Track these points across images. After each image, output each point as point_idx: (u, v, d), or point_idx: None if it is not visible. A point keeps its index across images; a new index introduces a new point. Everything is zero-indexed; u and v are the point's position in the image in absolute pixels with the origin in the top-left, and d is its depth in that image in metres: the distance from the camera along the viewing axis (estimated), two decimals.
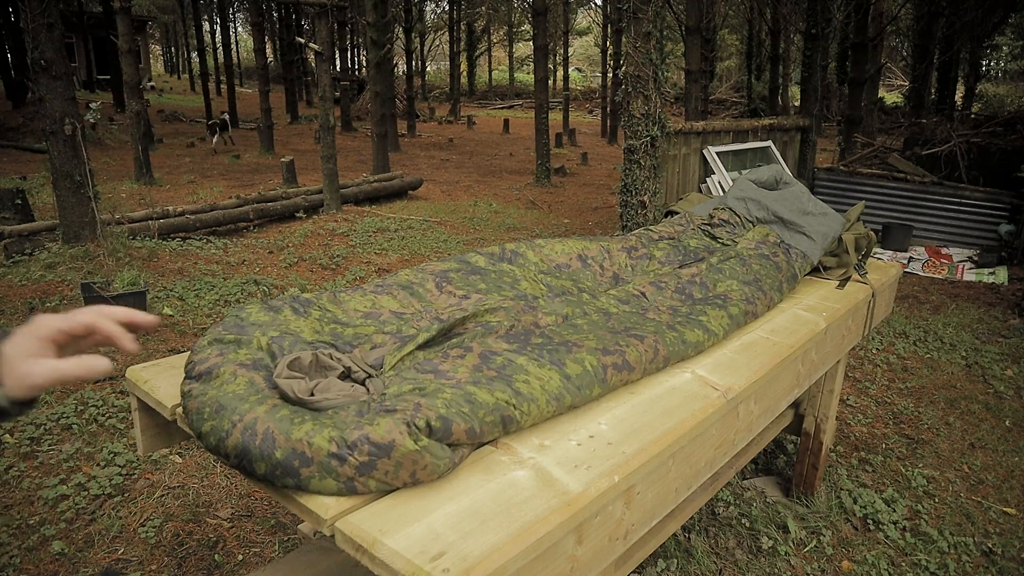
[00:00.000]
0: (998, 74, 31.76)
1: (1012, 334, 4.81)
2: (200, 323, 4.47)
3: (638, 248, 2.13)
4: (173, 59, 43.95)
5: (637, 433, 1.28)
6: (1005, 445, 3.32)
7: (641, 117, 5.32)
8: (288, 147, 14.04)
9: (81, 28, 21.58)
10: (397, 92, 19.50)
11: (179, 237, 6.44)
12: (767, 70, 17.85)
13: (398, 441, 1.02)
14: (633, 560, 1.75)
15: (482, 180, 11.45)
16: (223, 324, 1.33)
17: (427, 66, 32.04)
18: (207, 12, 28.27)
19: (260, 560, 2.35)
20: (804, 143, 8.40)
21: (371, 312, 1.52)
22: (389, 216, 8.07)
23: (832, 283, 2.35)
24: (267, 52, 20.54)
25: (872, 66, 11.20)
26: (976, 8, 12.43)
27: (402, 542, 0.94)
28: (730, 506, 2.71)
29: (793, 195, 2.44)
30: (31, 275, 5.04)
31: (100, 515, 2.53)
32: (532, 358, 1.34)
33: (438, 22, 28.84)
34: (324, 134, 7.97)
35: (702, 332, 1.67)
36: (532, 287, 1.77)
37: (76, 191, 5.54)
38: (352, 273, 5.79)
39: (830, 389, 2.67)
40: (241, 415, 1.07)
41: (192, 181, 9.89)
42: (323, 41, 8.02)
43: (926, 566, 2.43)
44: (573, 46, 37.75)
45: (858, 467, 3.07)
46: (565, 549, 1.06)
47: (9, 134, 13.37)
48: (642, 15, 5.07)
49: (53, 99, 5.35)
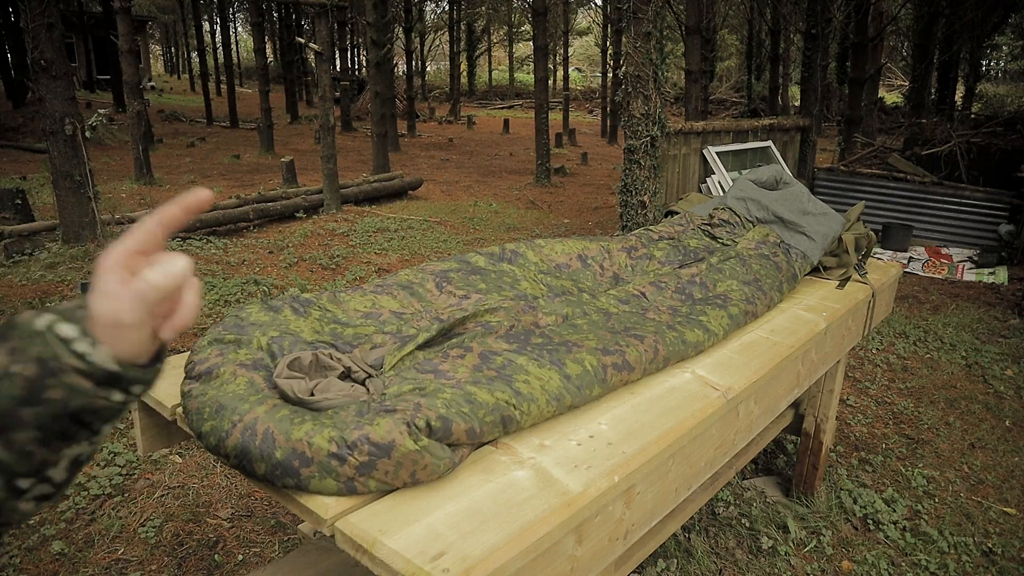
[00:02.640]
0: (998, 74, 31.75)
1: (1012, 334, 4.81)
2: (200, 323, 4.47)
3: (638, 248, 2.13)
4: (173, 59, 43.95)
5: (637, 433, 1.28)
6: (1005, 445, 3.32)
7: (641, 117, 5.32)
8: (288, 147, 14.04)
9: (81, 28, 21.58)
10: (397, 92, 19.51)
11: (179, 237, 6.44)
12: (767, 70, 17.84)
13: (398, 441, 1.02)
14: (633, 560, 1.75)
15: (482, 180, 11.45)
16: (223, 324, 1.33)
17: (427, 66, 32.04)
18: (207, 12, 28.27)
19: (260, 560, 2.35)
20: (804, 143, 8.41)
21: (371, 312, 1.52)
22: (389, 216, 8.07)
23: (832, 283, 2.35)
24: (267, 52, 20.54)
25: (872, 66, 11.20)
26: (976, 8, 12.42)
27: (402, 542, 0.94)
28: (730, 506, 2.71)
29: (793, 195, 2.44)
30: (31, 275, 5.03)
31: (100, 515, 2.53)
32: (532, 358, 1.34)
33: (438, 22, 28.84)
34: (324, 134, 7.97)
35: (702, 332, 1.67)
36: (532, 287, 1.77)
37: (76, 191, 5.54)
38: (352, 273, 5.79)
39: (830, 389, 2.67)
40: (241, 415, 1.07)
41: (192, 181, 9.89)
42: (323, 41, 8.02)
43: (926, 566, 2.43)
44: (573, 46, 37.75)
45: (858, 467, 3.07)
46: (565, 549, 1.06)
47: (9, 134, 13.36)
48: (642, 15, 5.07)
49: (53, 99, 5.35)
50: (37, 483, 0.58)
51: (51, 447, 0.57)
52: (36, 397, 0.55)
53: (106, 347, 0.57)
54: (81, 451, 0.60)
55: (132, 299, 0.57)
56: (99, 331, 0.57)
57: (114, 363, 0.57)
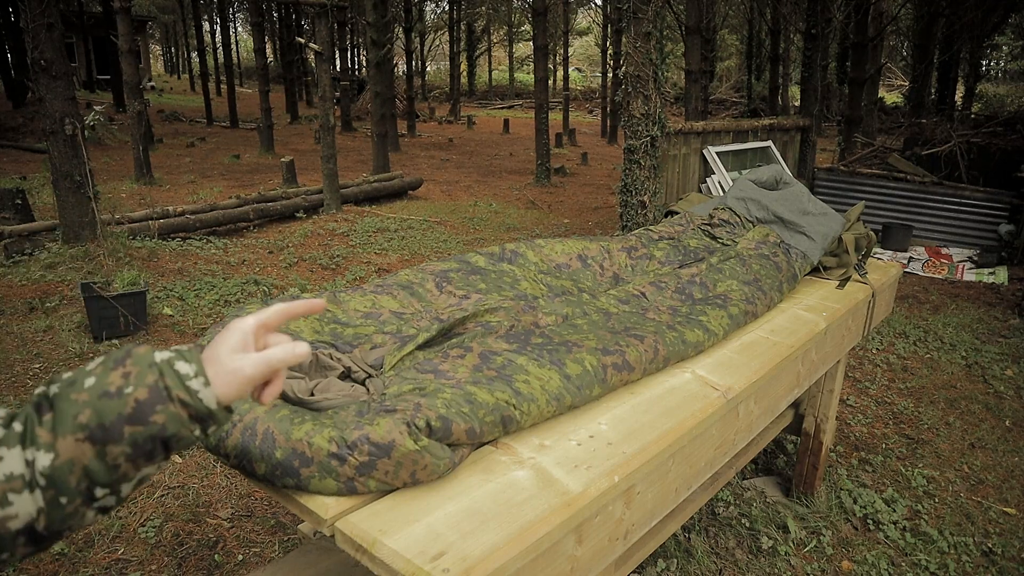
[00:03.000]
0: (998, 74, 31.75)
1: (1012, 334, 4.81)
2: (200, 323, 4.47)
3: (638, 248, 2.13)
4: (173, 59, 43.94)
5: (637, 433, 1.28)
6: (1005, 445, 3.32)
7: (641, 117, 5.32)
8: (288, 147, 14.04)
9: (81, 28, 21.57)
10: (397, 92, 19.50)
11: (179, 237, 6.44)
12: (767, 70, 17.85)
13: (398, 441, 1.02)
14: (633, 560, 1.75)
15: (482, 180, 11.45)
16: (223, 324, 1.33)
17: (427, 66, 32.04)
18: (207, 12, 28.26)
19: (260, 560, 2.35)
20: (804, 143, 8.41)
21: (371, 312, 1.52)
22: (389, 216, 8.07)
23: (832, 283, 2.35)
24: (267, 52, 20.53)
25: (872, 66, 11.19)
26: (976, 8, 12.42)
27: (402, 542, 0.94)
28: (730, 506, 2.71)
29: (793, 195, 2.44)
30: (31, 275, 5.03)
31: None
32: (532, 358, 1.34)
33: (438, 22, 28.83)
34: (324, 134, 7.97)
35: (702, 332, 1.66)
36: (532, 287, 1.77)
37: (76, 191, 5.54)
38: (352, 273, 5.79)
39: (830, 389, 2.67)
40: (241, 415, 1.07)
41: (192, 181, 9.89)
42: (323, 41, 8.02)
43: (926, 566, 2.43)
44: (573, 46, 37.75)
45: (858, 467, 3.07)
46: (565, 549, 1.06)
47: (9, 134, 13.36)
48: (642, 15, 5.07)
49: (53, 99, 5.35)
50: (109, 494, 0.66)
51: (135, 464, 0.65)
52: (142, 418, 0.64)
53: (214, 389, 0.68)
54: (151, 472, 0.68)
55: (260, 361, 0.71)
56: (213, 374, 0.68)
57: (215, 403, 0.68)
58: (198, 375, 0.67)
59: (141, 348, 0.67)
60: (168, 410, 0.65)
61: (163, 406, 0.64)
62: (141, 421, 0.63)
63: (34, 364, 3.75)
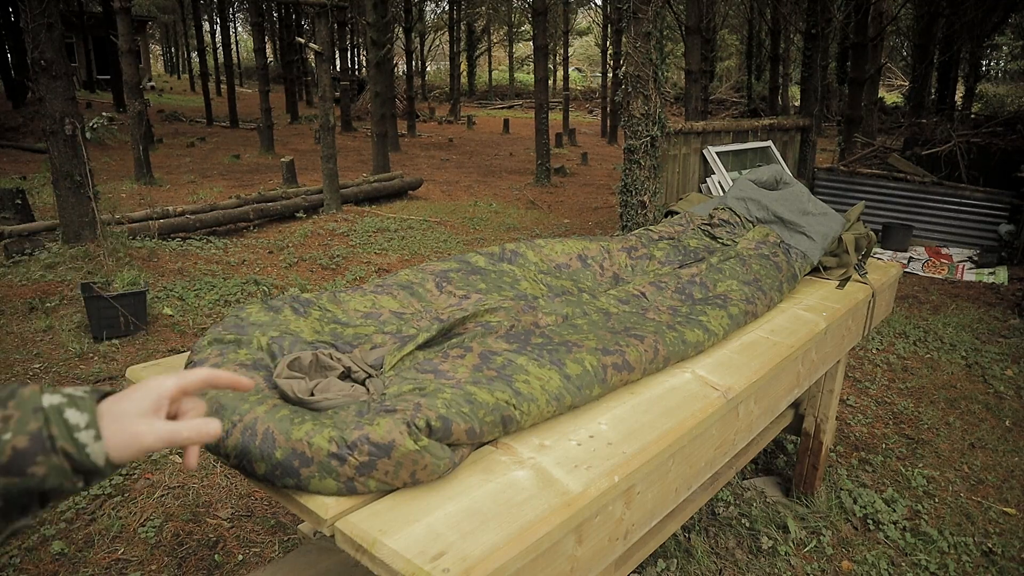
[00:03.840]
0: (998, 74, 31.74)
1: (1012, 334, 4.81)
2: (200, 323, 4.47)
3: (638, 248, 2.13)
4: (173, 59, 43.94)
5: (637, 433, 1.28)
6: (1005, 445, 3.32)
7: (641, 117, 5.32)
8: (288, 147, 14.04)
9: (81, 28, 21.57)
10: (397, 92, 19.51)
11: (179, 237, 6.44)
12: (767, 70, 17.85)
13: (398, 441, 1.02)
14: (633, 560, 1.75)
15: (482, 180, 11.45)
16: (223, 324, 1.33)
17: (427, 66, 32.04)
18: (207, 12, 28.25)
19: (260, 560, 2.35)
20: (804, 143, 8.41)
21: (371, 312, 1.52)
22: (389, 216, 8.07)
23: (832, 283, 2.35)
24: (267, 52, 20.54)
25: (872, 66, 11.20)
26: (976, 8, 12.42)
27: (402, 542, 0.93)
28: (730, 506, 2.71)
29: (793, 195, 2.44)
30: (31, 275, 5.03)
31: (100, 515, 2.53)
32: (532, 358, 1.34)
33: (438, 22, 28.84)
34: (324, 134, 7.97)
35: (702, 332, 1.66)
36: (532, 287, 1.76)
37: (76, 191, 5.54)
38: (352, 273, 5.79)
39: (830, 389, 2.67)
40: (241, 415, 1.07)
41: (192, 181, 9.89)
42: (323, 41, 8.02)
43: (926, 566, 2.43)
44: (573, 46, 37.74)
45: (858, 467, 3.07)
46: (565, 549, 1.06)
47: (9, 134, 13.36)
48: (642, 15, 5.07)
49: (53, 99, 5.35)
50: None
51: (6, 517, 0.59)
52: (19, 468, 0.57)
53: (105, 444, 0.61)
54: (25, 524, 0.61)
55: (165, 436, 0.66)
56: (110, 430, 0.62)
57: (103, 460, 0.61)
58: (89, 427, 0.61)
59: (27, 389, 0.61)
60: (51, 461, 0.58)
61: (45, 456, 0.58)
62: (18, 472, 0.57)
63: (34, 364, 3.75)
